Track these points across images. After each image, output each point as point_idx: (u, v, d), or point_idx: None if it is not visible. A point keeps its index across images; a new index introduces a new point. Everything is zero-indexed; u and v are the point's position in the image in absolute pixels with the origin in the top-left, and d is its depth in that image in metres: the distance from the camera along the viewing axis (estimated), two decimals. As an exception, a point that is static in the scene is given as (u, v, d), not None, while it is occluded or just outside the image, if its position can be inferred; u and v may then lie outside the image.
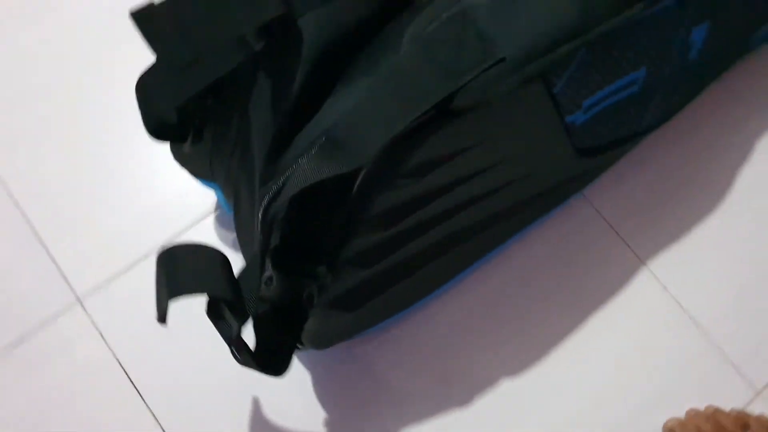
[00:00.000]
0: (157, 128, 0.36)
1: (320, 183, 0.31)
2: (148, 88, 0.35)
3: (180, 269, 0.32)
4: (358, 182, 0.31)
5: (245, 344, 0.33)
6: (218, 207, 0.49)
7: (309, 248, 0.34)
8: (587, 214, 0.50)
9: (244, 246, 0.40)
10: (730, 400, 0.46)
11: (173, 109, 0.35)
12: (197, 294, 0.31)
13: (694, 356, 0.47)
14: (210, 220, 0.49)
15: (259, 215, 0.34)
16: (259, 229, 0.34)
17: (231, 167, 0.39)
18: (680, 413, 0.45)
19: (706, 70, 0.44)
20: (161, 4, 0.30)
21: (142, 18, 0.30)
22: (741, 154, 0.52)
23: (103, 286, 0.47)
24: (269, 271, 0.34)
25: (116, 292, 0.47)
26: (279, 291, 0.34)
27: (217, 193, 0.46)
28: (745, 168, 0.52)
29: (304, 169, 0.31)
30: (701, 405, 0.46)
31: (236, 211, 0.40)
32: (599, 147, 0.42)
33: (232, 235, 0.48)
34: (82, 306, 0.47)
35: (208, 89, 0.35)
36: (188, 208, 0.50)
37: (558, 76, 0.34)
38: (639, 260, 0.49)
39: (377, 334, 0.46)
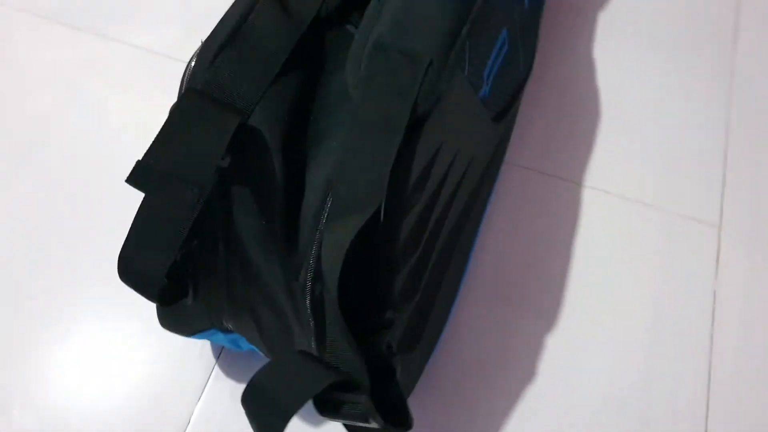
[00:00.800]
0: (162, 295, 0.35)
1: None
2: (133, 263, 0.34)
3: (276, 389, 0.31)
4: (381, 219, 0.33)
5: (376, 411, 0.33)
6: (220, 351, 0.48)
7: (365, 304, 0.35)
8: (519, 175, 0.56)
9: (283, 347, 0.40)
10: (706, 248, 0.53)
11: (165, 269, 0.35)
12: (313, 395, 0.31)
13: (659, 230, 0.54)
14: (217, 369, 0.48)
15: (308, 303, 0.34)
16: (310, 313, 0.34)
17: (235, 293, 0.39)
18: (684, 285, 0.51)
19: (537, 10, 0.52)
20: (144, 160, 0.31)
21: (135, 179, 0.30)
22: (593, 58, 0.61)
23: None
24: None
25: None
26: (365, 355, 0.34)
27: (215, 338, 0.45)
28: (604, 67, 0.61)
29: (331, 236, 0.32)
30: (691, 264, 0.52)
31: (259, 327, 0.40)
32: (504, 108, 0.48)
33: (253, 362, 0.47)
34: None
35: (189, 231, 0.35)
36: (191, 373, 0.48)
37: (463, 60, 0.39)
38: (578, 185, 0.55)
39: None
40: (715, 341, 0.49)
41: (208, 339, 0.45)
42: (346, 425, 0.34)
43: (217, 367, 0.48)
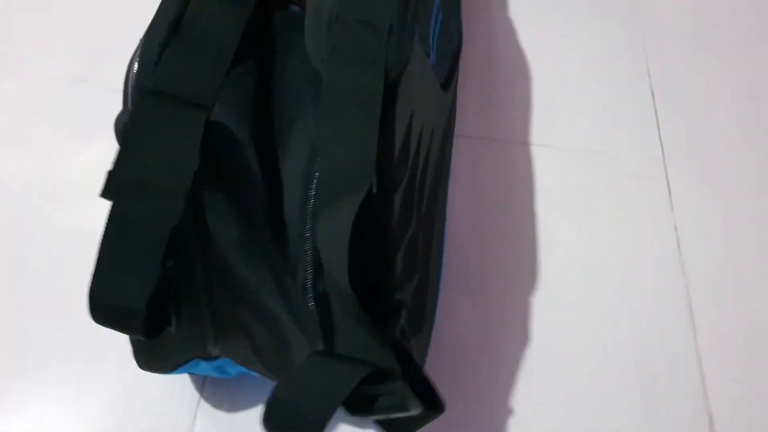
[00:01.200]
0: (147, 328, 0.31)
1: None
2: (108, 295, 0.30)
3: (302, 400, 0.29)
4: (374, 197, 0.31)
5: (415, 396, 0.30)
6: (203, 384, 0.44)
7: (372, 289, 0.33)
8: (466, 145, 0.55)
9: (282, 358, 0.37)
10: (657, 183, 0.54)
11: (148, 294, 0.31)
12: (347, 393, 0.28)
13: (610, 174, 0.55)
14: (204, 404, 0.44)
15: (311, 302, 0.32)
16: (315, 312, 0.32)
17: (220, 312, 0.36)
18: (646, 222, 0.52)
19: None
20: (117, 170, 0.28)
21: (110, 191, 0.27)
22: (512, 21, 0.62)
23: None
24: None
25: None
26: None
27: (197, 369, 0.41)
28: (524, 29, 0.62)
29: (326, 226, 0.30)
30: (646, 201, 0.53)
31: (252, 344, 0.37)
32: (448, 75, 0.47)
33: (242, 388, 0.43)
34: None
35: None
36: (176, 413, 0.43)
37: (416, 25, 0.38)
38: (525, 144, 0.55)
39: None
40: (686, 270, 0.51)
41: (190, 371, 0.41)
42: (378, 421, 0.32)
43: (203, 402, 0.44)
